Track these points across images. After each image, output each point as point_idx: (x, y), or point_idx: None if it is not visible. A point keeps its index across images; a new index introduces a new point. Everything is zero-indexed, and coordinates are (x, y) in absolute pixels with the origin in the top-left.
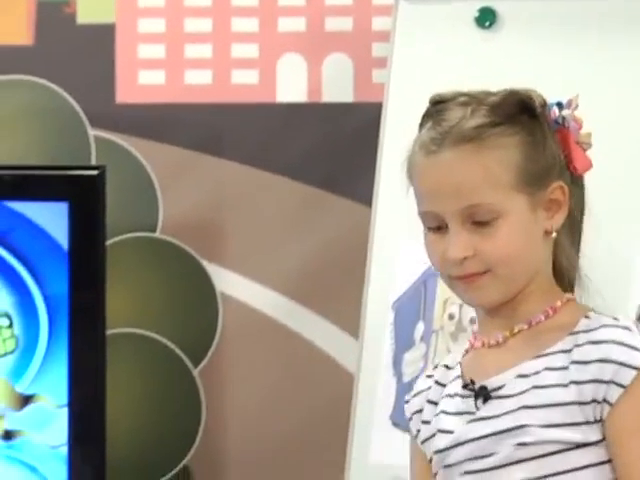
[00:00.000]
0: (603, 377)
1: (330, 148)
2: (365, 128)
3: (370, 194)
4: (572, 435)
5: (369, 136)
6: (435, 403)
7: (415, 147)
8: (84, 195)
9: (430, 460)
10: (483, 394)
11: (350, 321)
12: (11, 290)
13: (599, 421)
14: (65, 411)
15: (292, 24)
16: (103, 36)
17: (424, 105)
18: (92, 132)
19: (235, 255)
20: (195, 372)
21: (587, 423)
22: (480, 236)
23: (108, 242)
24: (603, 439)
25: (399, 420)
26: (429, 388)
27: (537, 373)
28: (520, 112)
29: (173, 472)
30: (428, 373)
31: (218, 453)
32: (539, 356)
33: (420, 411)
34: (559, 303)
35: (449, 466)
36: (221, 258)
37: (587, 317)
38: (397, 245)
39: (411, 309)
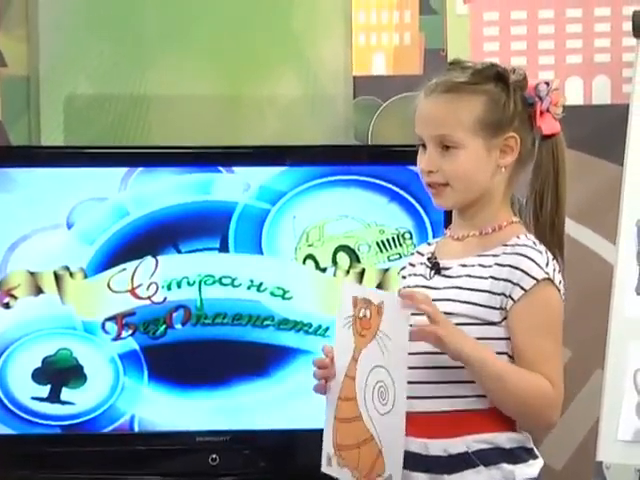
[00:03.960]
0: (512, 279)
1: (595, 130)
2: (620, 119)
3: (622, 157)
4: (480, 313)
5: (622, 123)
6: (413, 265)
7: (423, 89)
8: None
9: None
10: (435, 268)
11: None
12: (411, 217)
13: (503, 309)
14: None
15: (575, 59)
16: None
17: None
18: None
19: None
20: None
21: (493, 307)
22: (445, 159)
23: None
24: (502, 321)
25: None
26: (412, 254)
27: (472, 266)
28: (495, 79)
29: None
30: (417, 249)
31: None
32: (479, 255)
33: (403, 268)
34: (505, 223)
35: None
36: None
37: (518, 237)
38: None
39: None
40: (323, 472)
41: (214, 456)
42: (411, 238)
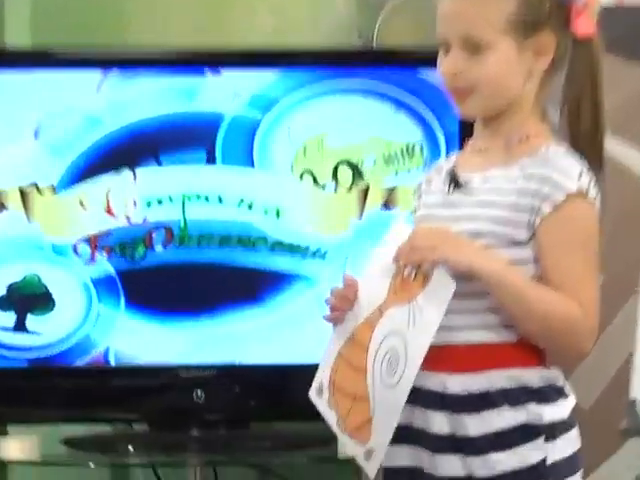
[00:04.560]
0: (541, 192)
1: (629, 32)
2: None
3: None
4: (505, 231)
5: None
6: (430, 182)
7: None
8: None
9: None
10: (455, 181)
11: None
12: (421, 128)
13: (531, 226)
14: None
15: None
16: None
17: None
18: None
19: None
20: None
21: (520, 224)
22: (472, 61)
23: None
24: (529, 240)
25: None
26: (429, 171)
27: (496, 179)
28: None
29: None
30: (434, 164)
31: None
32: (503, 167)
33: (419, 186)
34: (532, 131)
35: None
36: None
37: (548, 147)
38: None
39: None
40: (312, 402)
41: (199, 392)
42: (421, 151)
